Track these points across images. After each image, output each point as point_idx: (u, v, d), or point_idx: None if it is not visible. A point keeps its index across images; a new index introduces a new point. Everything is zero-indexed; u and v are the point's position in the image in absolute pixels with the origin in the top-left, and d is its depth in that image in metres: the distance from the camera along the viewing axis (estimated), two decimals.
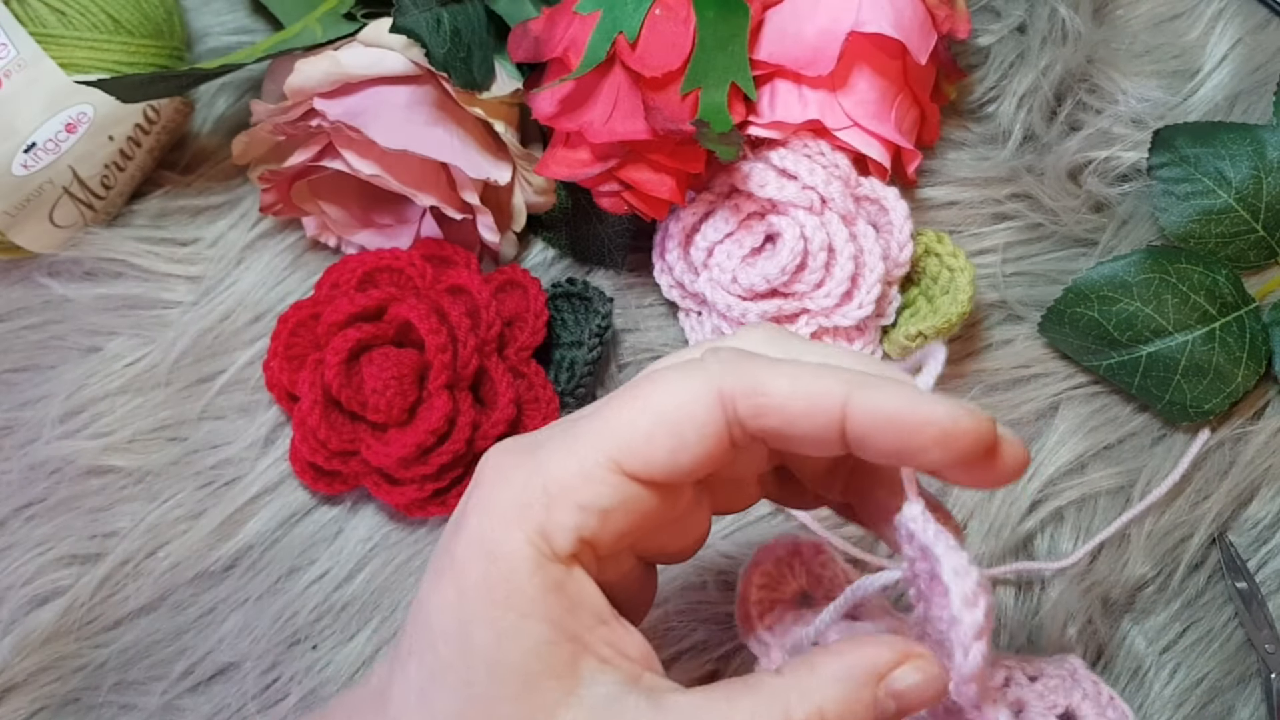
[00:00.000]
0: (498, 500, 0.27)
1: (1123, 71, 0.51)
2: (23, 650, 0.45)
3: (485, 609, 0.26)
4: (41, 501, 0.47)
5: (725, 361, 0.27)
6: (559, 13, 0.45)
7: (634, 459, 0.27)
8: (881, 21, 0.44)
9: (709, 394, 0.27)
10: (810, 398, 0.27)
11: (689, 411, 0.27)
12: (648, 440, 0.27)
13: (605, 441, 0.27)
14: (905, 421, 0.26)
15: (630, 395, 0.28)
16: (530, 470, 0.27)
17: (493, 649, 0.26)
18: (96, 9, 0.47)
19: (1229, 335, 0.46)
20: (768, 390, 0.27)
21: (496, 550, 0.27)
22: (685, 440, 0.27)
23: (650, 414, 0.27)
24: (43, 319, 0.50)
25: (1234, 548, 0.46)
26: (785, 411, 0.27)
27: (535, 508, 0.27)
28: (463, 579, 0.27)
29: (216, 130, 0.53)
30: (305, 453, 0.45)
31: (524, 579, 0.26)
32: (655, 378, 0.28)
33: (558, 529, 0.27)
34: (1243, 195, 0.47)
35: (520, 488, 0.27)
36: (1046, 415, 0.48)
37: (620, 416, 0.27)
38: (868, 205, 0.46)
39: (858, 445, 0.27)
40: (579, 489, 0.27)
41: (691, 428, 0.27)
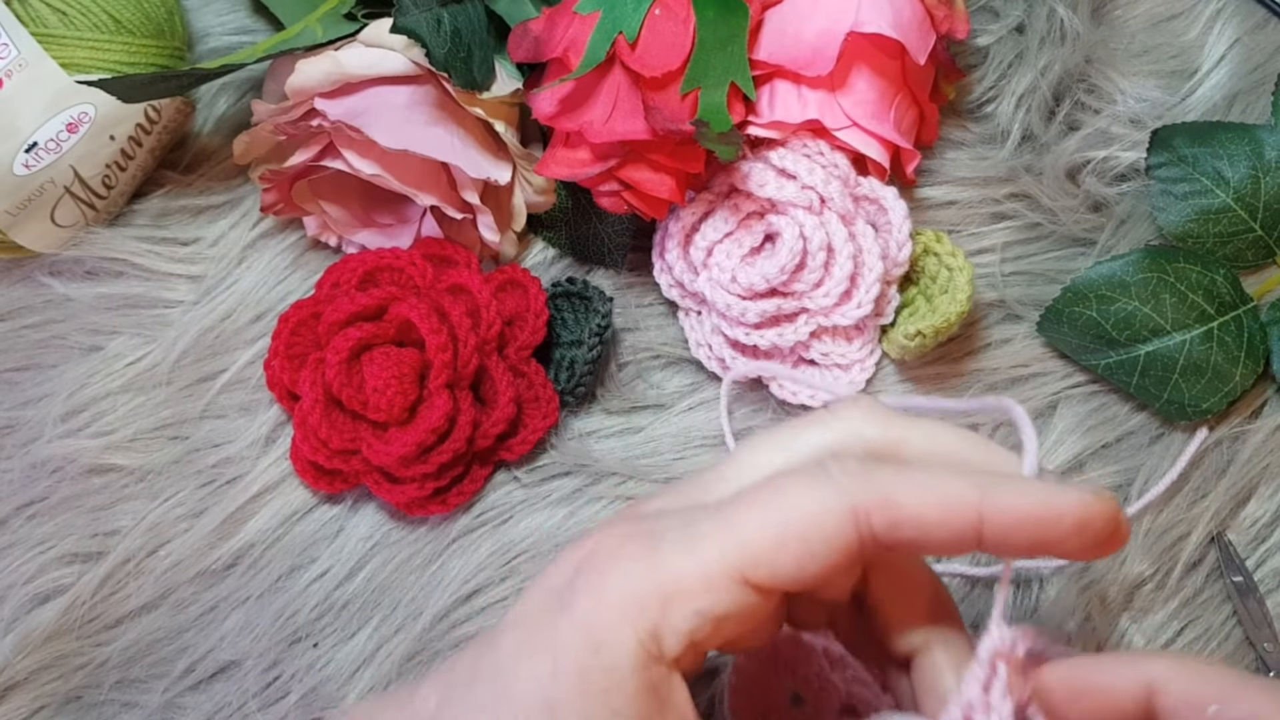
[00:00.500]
0: (612, 590, 0.27)
1: (1121, 71, 0.51)
2: (24, 648, 0.45)
3: (579, 697, 0.26)
4: (43, 500, 0.47)
5: (853, 474, 0.27)
6: (559, 13, 0.45)
7: (759, 570, 0.27)
8: (880, 22, 0.44)
9: (842, 509, 0.27)
10: (945, 507, 0.27)
11: (820, 525, 0.27)
12: (776, 550, 0.27)
13: (730, 548, 0.27)
14: (1043, 518, 0.26)
15: (759, 502, 0.27)
16: (649, 566, 0.27)
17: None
18: (98, 9, 0.47)
19: (1227, 334, 0.46)
20: (901, 504, 0.27)
21: (604, 643, 0.27)
22: (814, 553, 0.27)
23: (781, 525, 0.27)
24: (44, 318, 0.50)
25: (1232, 546, 0.46)
26: (921, 523, 0.27)
27: (651, 608, 0.27)
28: (563, 660, 0.27)
29: (217, 130, 0.53)
30: (306, 451, 0.45)
31: (625, 677, 0.26)
32: (784, 486, 0.28)
33: (671, 632, 0.27)
34: (1241, 195, 0.47)
35: (637, 582, 0.27)
36: (1045, 414, 0.48)
37: (748, 523, 0.27)
38: (867, 205, 0.46)
39: (994, 545, 0.27)
40: (699, 595, 0.27)
41: (821, 541, 0.27)
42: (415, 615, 0.46)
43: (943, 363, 0.48)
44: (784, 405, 0.48)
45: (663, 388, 0.49)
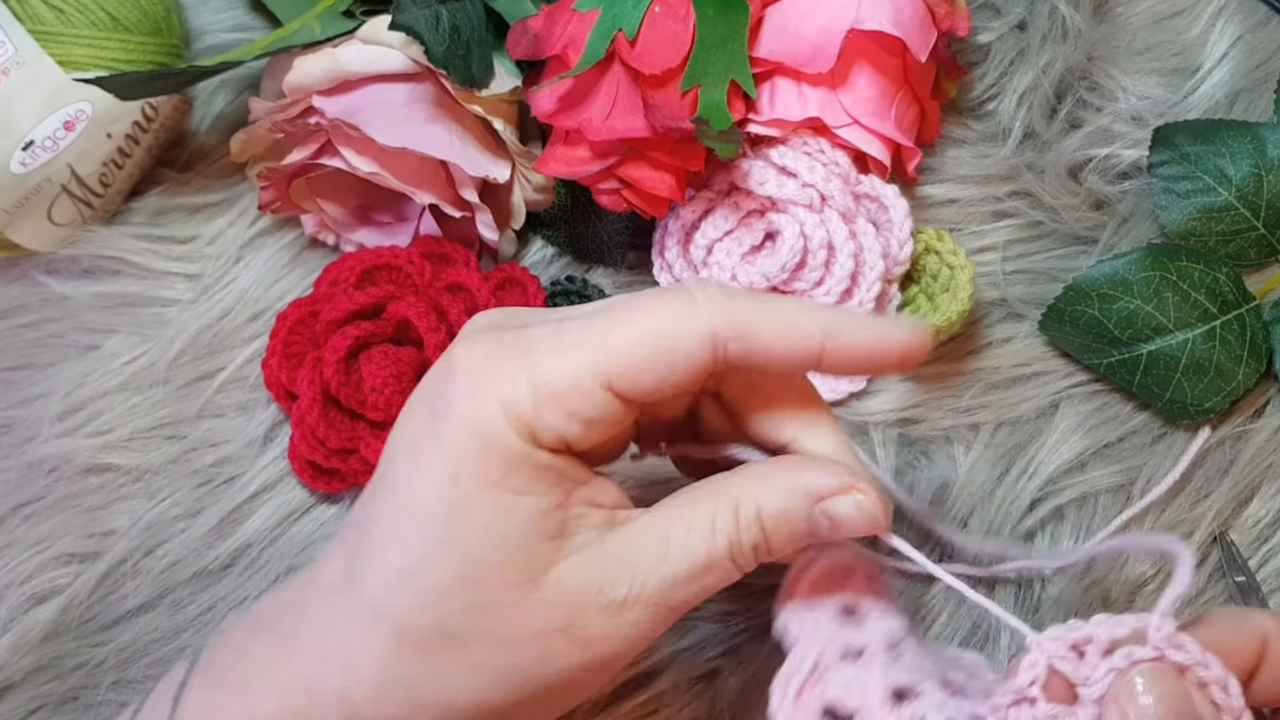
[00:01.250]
0: (487, 391, 0.29)
1: (1123, 69, 0.51)
2: (20, 649, 0.45)
3: (482, 489, 0.29)
4: (40, 500, 0.47)
5: (715, 301, 0.30)
6: (558, 10, 0.45)
7: (624, 381, 0.29)
8: (881, 19, 0.44)
9: (703, 332, 0.29)
10: (793, 340, 0.30)
11: (684, 346, 0.29)
12: (641, 366, 0.29)
13: (600, 358, 0.29)
14: (875, 350, 0.31)
15: (627, 315, 0.30)
16: (521, 366, 0.29)
17: (492, 524, 0.29)
18: (95, 6, 0.47)
19: (1229, 333, 0.46)
20: (759, 334, 0.30)
21: (491, 439, 0.29)
22: (675, 370, 0.29)
23: (648, 342, 0.29)
24: (41, 317, 0.50)
25: (1235, 546, 0.46)
26: (770, 351, 0.30)
27: (525, 406, 0.29)
28: (458, 464, 0.29)
29: (215, 128, 0.53)
30: (304, 451, 0.45)
31: (520, 462, 0.29)
32: (652, 305, 0.30)
33: (544, 430, 0.29)
34: (1243, 193, 0.47)
35: (510, 383, 0.29)
36: (1047, 413, 0.48)
37: (616, 335, 0.29)
38: (867, 203, 0.46)
39: (830, 370, 0.31)
40: (568, 398, 0.29)
41: (683, 358, 0.29)
42: None
43: (944, 361, 0.48)
44: None
45: None
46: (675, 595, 0.30)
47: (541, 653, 0.30)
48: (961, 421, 0.47)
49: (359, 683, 0.30)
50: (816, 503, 0.30)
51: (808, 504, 0.30)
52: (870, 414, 0.47)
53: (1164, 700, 0.28)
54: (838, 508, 0.30)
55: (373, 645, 0.30)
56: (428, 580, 0.29)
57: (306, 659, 0.31)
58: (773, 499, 0.30)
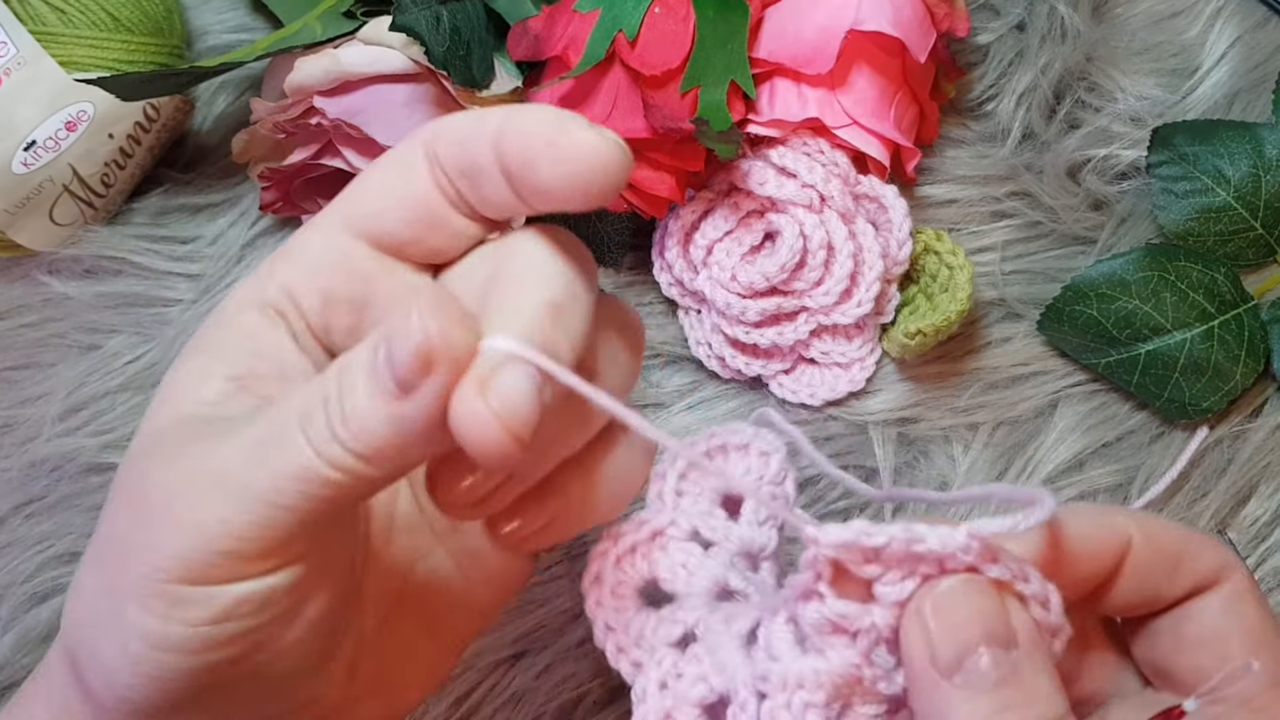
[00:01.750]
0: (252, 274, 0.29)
1: (1122, 69, 0.51)
2: (23, 647, 0.45)
3: (187, 353, 0.28)
4: (41, 499, 0.47)
5: (430, 124, 0.28)
6: (558, 11, 0.45)
7: (364, 222, 0.28)
8: (881, 19, 0.44)
9: (414, 146, 0.28)
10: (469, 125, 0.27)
11: (395, 160, 0.28)
12: (363, 192, 0.28)
13: (331, 210, 0.28)
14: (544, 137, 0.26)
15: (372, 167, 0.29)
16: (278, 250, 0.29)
17: (173, 386, 0.28)
18: (96, 7, 0.47)
19: (1227, 333, 0.46)
20: (443, 126, 0.28)
21: (224, 306, 0.29)
22: (394, 188, 0.28)
23: (366, 175, 0.28)
24: (42, 317, 0.50)
25: (1233, 545, 0.46)
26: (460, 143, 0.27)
27: (263, 266, 0.28)
28: (195, 335, 0.29)
29: (216, 128, 0.53)
30: None
31: (220, 320, 0.28)
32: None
33: (270, 281, 0.28)
34: (1241, 193, 0.47)
35: (268, 260, 0.29)
36: (1045, 413, 0.48)
37: (353, 185, 0.29)
38: (867, 203, 0.46)
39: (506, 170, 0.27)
40: (308, 244, 0.28)
41: (398, 174, 0.28)
42: None
43: (943, 361, 0.48)
44: (784, 404, 0.48)
45: (662, 386, 0.49)
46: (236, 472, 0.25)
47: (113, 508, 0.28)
48: (960, 421, 0.48)
49: None
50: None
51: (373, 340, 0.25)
52: (869, 413, 0.48)
53: (973, 617, 0.25)
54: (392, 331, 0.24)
55: None
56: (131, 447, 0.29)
57: None
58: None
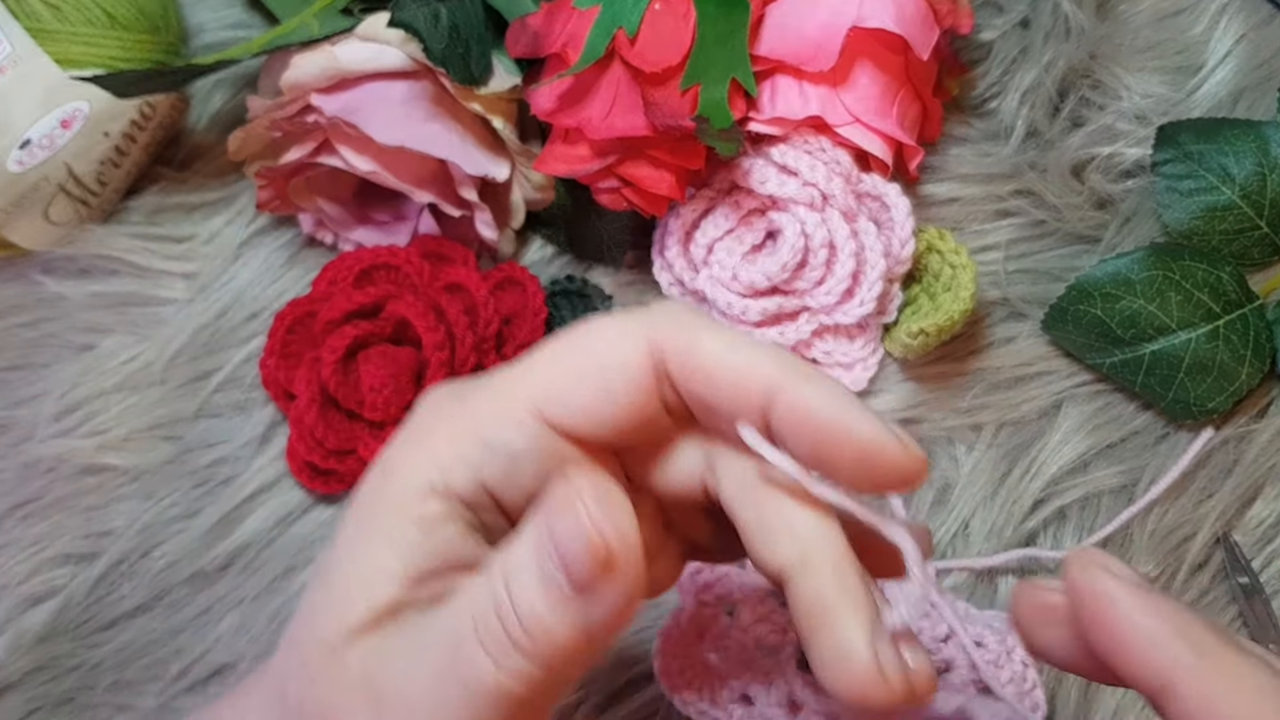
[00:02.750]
0: (416, 428, 0.27)
1: (1126, 67, 0.51)
2: (17, 650, 0.45)
3: (355, 521, 0.26)
4: (36, 500, 0.47)
5: (662, 313, 0.26)
6: (558, 8, 0.44)
7: (554, 404, 0.25)
8: (883, 16, 0.44)
9: (639, 341, 0.25)
10: (740, 371, 0.25)
11: (617, 357, 0.25)
12: (572, 384, 0.25)
13: (527, 383, 0.26)
14: (830, 429, 0.24)
15: (561, 340, 0.26)
16: (454, 407, 0.26)
17: (338, 561, 0.26)
18: (92, 4, 0.46)
19: (1233, 333, 0.46)
20: (701, 350, 0.25)
21: (392, 471, 0.26)
22: (611, 388, 0.25)
23: (577, 357, 0.25)
24: (37, 316, 0.49)
25: (1238, 547, 0.46)
26: (713, 378, 0.25)
27: (440, 440, 0.26)
28: (358, 495, 0.27)
29: (212, 126, 0.53)
30: (302, 451, 0.45)
31: (402, 504, 0.25)
32: (589, 324, 0.26)
33: (457, 461, 0.25)
34: (1247, 192, 0.46)
35: (438, 419, 0.26)
36: (1049, 413, 0.48)
37: (545, 359, 0.26)
38: (869, 202, 0.46)
39: (779, 432, 0.25)
40: (489, 425, 0.25)
41: (619, 375, 0.25)
42: None
43: (946, 361, 0.48)
44: None
45: None
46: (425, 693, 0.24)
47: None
48: (963, 422, 0.47)
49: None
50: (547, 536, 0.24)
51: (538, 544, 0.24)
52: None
53: None
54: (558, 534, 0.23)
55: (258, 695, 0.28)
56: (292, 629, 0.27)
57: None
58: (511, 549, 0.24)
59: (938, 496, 0.47)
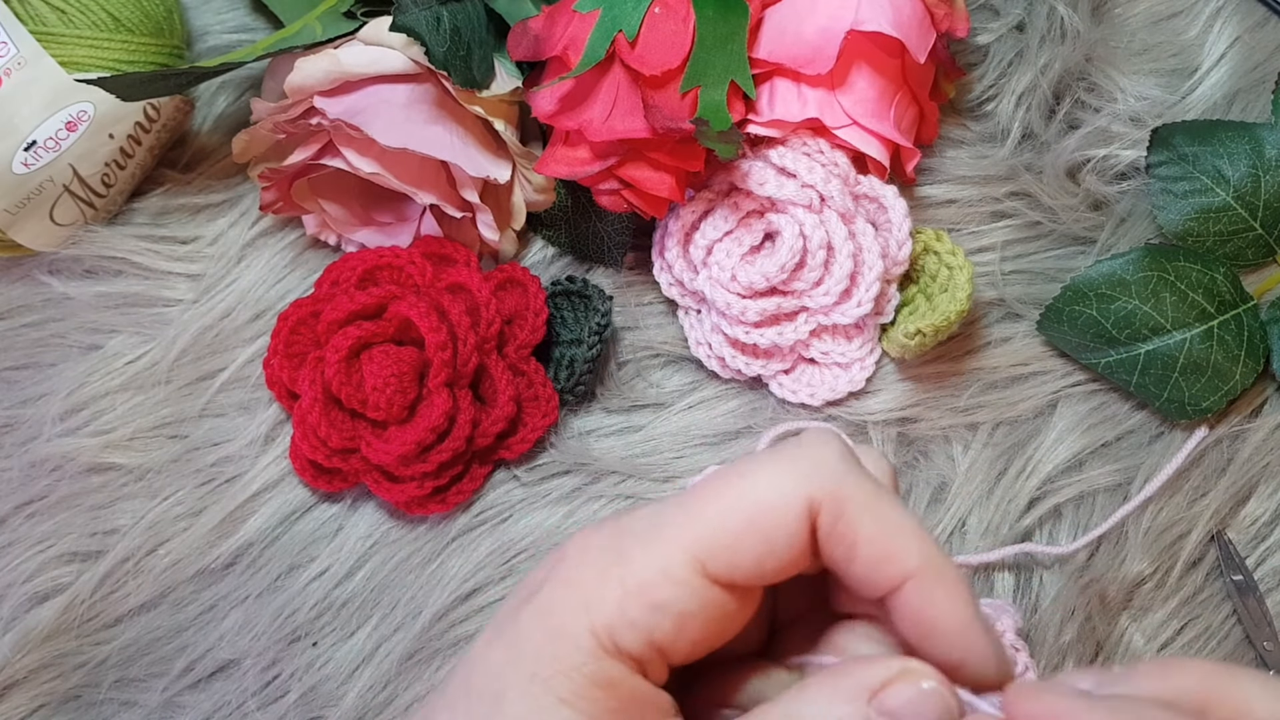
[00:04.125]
0: (575, 580, 0.26)
1: (1121, 70, 0.51)
2: (23, 647, 0.45)
3: (527, 681, 0.25)
4: (42, 499, 0.47)
5: (819, 462, 0.26)
6: (558, 11, 0.45)
7: (718, 562, 0.25)
8: (880, 20, 0.44)
9: (799, 498, 0.25)
10: (882, 555, 0.25)
11: (780, 516, 0.25)
12: (735, 542, 0.25)
13: (690, 538, 0.25)
14: (946, 637, 0.25)
15: (721, 487, 0.26)
16: (613, 558, 0.26)
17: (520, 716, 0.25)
18: (97, 7, 0.47)
19: (1227, 333, 0.46)
20: (849, 518, 0.25)
21: (561, 629, 0.25)
22: (774, 547, 0.25)
23: (740, 514, 0.25)
24: (43, 317, 0.50)
25: (1232, 545, 0.46)
26: (854, 552, 0.25)
27: (609, 600, 0.25)
28: (518, 645, 0.26)
29: (217, 128, 0.53)
30: (305, 450, 0.45)
31: (577, 665, 0.25)
32: (746, 470, 0.26)
33: (628, 626, 0.25)
34: (1241, 193, 0.47)
35: (599, 574, 0.26)
36: (1045, 413, 0.48)
37: (708, 512, 0.26)
38: (866, 203, 0.46)
39: (895, 620, 0.26)
40: (657, 587, 0.25)
41: (782, 534, 0.25)
42: (414, 614, 0.46)
43: (942, 361, 0.48)
44: (784, 404, 0.48)
45: (662, 386, 0.49)
46: None
47: None
48: (960, 421, 0.48)
49: None
50: (869, 700, 0.24)
51: (860, 705, 0.24)
52: (869, 413, 0.48)
53: None
54: (891, 700, 0.24)
55: None
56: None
57: None
58: (819, 711, 0.24)
59: (934, 495, 0.47)
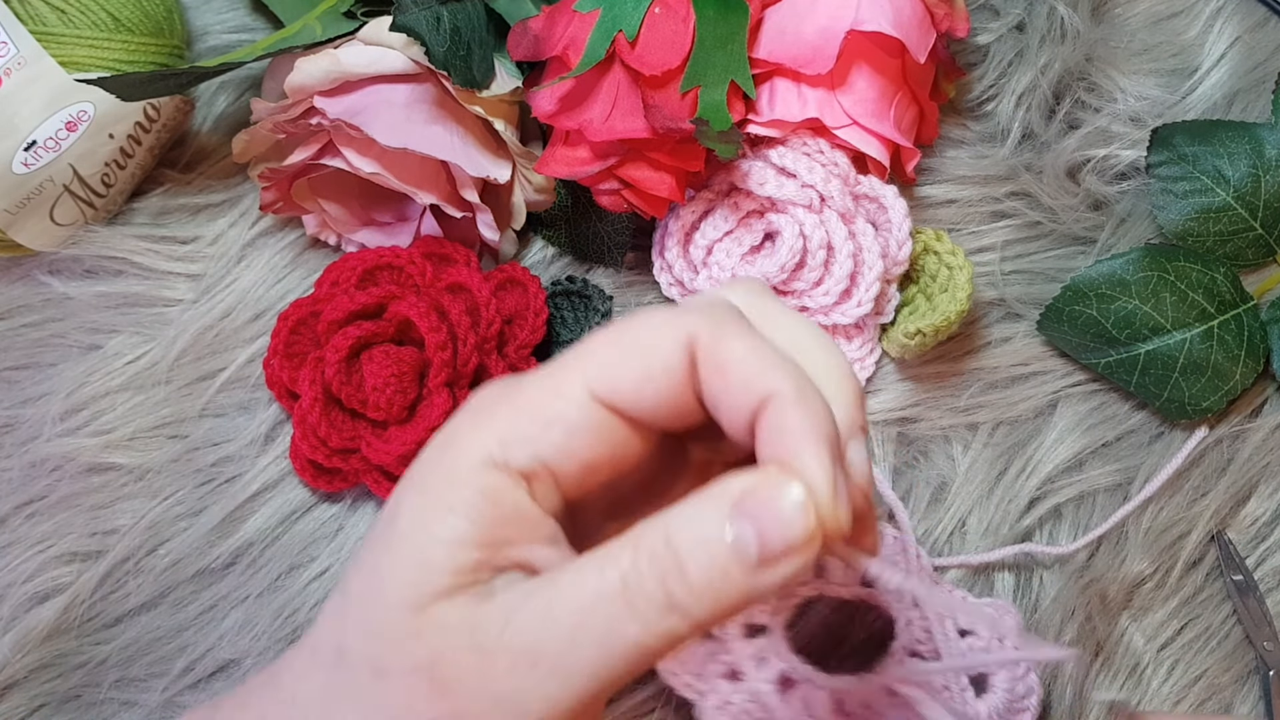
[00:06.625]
0: (473, 408, 0.28)
1: (1121, 70, 0.51)
2: (23, 647, 0.45)
3: (418, 494, 0.27)
4: (42, 499, 0.47)
5: (705, 309, 0.28)
6: (558, 11, 0.45)
7: (601, 382, 0.27)
8: (880, 20, 0.44)
9: (678, 331, 0.27)
10: (752, 373, 0.26)
11: (656, 343, 0.27)
12: (618, 366, 0.27)
13: (578, 366, 0.28)
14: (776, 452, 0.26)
15: (610, 328, 0.28)
16: (509, 392, 0.28)
17: (407, 530, 0.27)
18: (97, 7, 0.47)
19: (1227, 333, 0.46)
20: (723, 349, 0.27)
21: (451, 444, 0.27)
22: (652, 373, 0.27)
23: (624, 344, 0.28)
24: (43, 317, 0.50)
25: (1232, 544, 0.46)
26: (726, 377, 0.27)
27: (500, 418, 0.27)
28: (417, 470, 0.28)
29: (217, 128, 0.53)
30: (305, 450, 0.45)
31: (465, 477, 0.27)
32: (636, 315, 0.28)
33: (517, 440, 0.27)
34: (1241, 193, 0.47)
35: (492, 402, 0.28)
36: (1045, 413, 0.48)
37: (595, 342, 0.28)
38: (866, 203, 0.46)
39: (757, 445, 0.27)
40: (546, 405, 0.27)
41: (657, 359, 0.27)
42: None
43: (942, 361, 0.48)
44: None
45: None
46: (555, 650, 0.25)
47: (404, 695, 0.26)
48: (960, 421, 0.48)
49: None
50: (733, 505, 0.25)
51: (721, 513, 0.25)
52: (869, 413, 0.48)
53: None
54: (759, 507, 0.24)
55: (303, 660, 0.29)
56: (349, 579, 0.28)
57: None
58: (682, 518, 0.25)
59: (935, 495, 0.47)
